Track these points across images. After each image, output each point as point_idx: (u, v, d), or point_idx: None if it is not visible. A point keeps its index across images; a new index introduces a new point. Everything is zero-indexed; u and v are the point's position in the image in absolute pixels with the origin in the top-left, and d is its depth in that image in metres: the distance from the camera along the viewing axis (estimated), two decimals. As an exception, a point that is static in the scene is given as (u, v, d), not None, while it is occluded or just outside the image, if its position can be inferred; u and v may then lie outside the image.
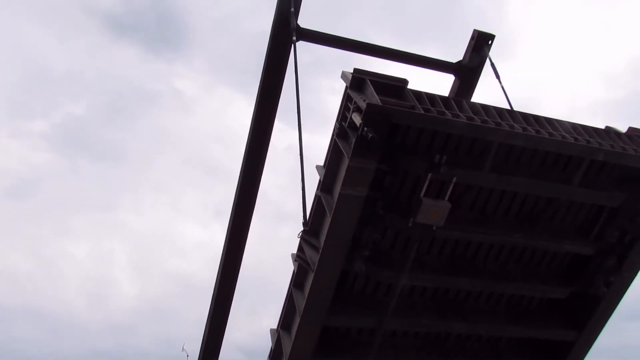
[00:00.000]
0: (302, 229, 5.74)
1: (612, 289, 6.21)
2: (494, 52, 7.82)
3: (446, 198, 5.20)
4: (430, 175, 5.06)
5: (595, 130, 5.69)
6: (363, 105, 4.67)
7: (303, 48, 7.41)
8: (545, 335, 6.66)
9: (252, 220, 10.33)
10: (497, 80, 7.58)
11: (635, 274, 6.24)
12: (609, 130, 5.77)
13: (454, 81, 8.18)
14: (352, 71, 5.14)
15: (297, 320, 5.86)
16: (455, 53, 8.17)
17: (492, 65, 7.72)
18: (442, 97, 5.25)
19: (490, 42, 7.83)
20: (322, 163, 5.72)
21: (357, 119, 4.74)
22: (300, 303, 5.81)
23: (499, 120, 5.16)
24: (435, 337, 6.62)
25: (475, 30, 7.80)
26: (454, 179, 5.14)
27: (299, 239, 5.86)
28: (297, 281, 6.05)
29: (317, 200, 5.60)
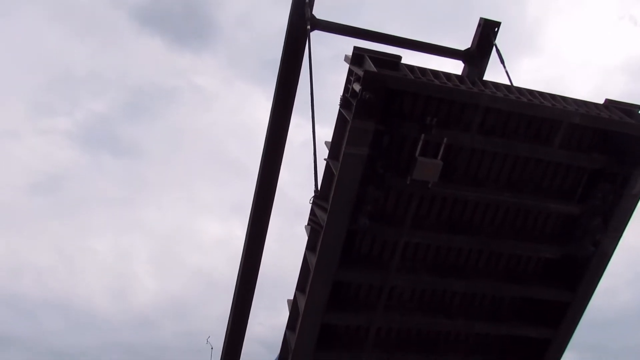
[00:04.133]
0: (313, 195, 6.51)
1: (600, 248, 6.73)
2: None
3: (439, 158, 5.88)
4: (423, 136, 5.76)
5: (575, 100, 6.36)
6: (361, 73, 5.45)
7: (323, 44, 8.12)
8: (542, 295, 7.17)
9: (271, 215, 11.06)
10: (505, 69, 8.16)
11: (621, 234, 6.76)
12: (587, 101, 6.44)
13: (463, 68, 8.82)
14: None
15: (310, 278, 6.52)
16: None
17: (497, 51, 8.34)
18: (432, 70, 6.00)
19: (496, 29, 8.39)
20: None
21: (357, 87, 5.52)
22: (312, 261, 6.48)
23: (483, 88, 5.89)
24: (439, 299, 7.18)
25: (481, 18, 8.37)
26: (445, 140, 5.83)
27: (310, 204, 6.60)
28: (309, 244, 6.73)
29: (326, 166, 6.33)
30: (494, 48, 8.42)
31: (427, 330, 7.39)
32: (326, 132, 6.64)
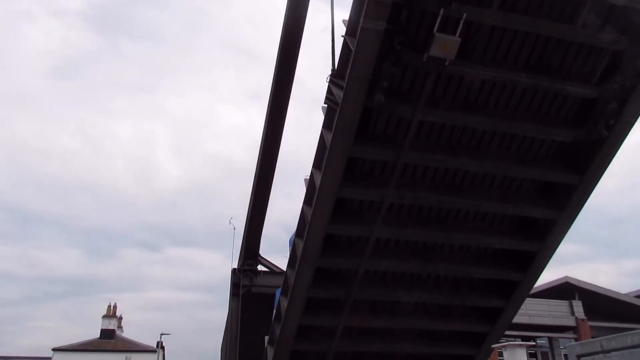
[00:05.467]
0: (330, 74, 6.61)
1: (613, 133, 6.80)
2: None
3: (457, 34, 5.85)
4: (442, 11, 5.69)
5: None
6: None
7: None
8: (551, 177, 7.39)
9: (289, 102, 11.23)
10: None
11: (635, 120, 6.80)
12: None
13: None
14: None
15: (326, 154, 6.79)
16: None
17: None
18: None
19: None
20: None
21: None
22: (328, 138, 6.71)
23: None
24: (450, 178, 7.47)
25: None
26: (464, 16, 5.76)
27: (327, 82, 6.72)
28: (326, 123, 6.93)
29: (343, 43, 6.35)
30: None
31: (437, 208, 7.76)
32: (345, 15, 6.60)
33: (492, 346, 10.26)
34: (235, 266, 14.86)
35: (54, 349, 26.87)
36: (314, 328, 9.23)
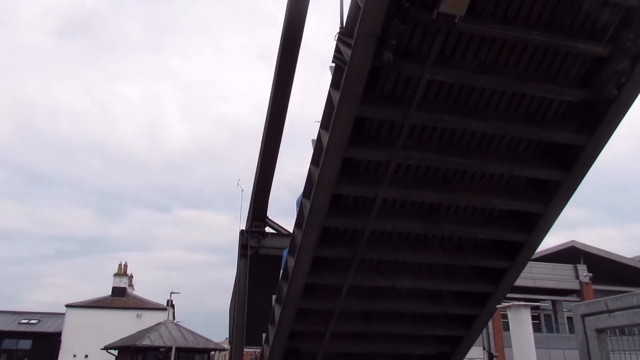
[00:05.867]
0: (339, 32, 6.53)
1: (623, 92, 6.72)
2: None
3: (468, -10, 5.73)
4: (453, -34, 5.57)
5: None
6: None
7: None
8: (560, 138, 7.35)
9: (297, 63, 11.11)
10: None
11: (648, 79, 6.70)
12: None
13: None
14: None
15: (334, 113, 6.78)
16: None
17: None
18: None
19: None
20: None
21: None
22: (336, 97, 6.69)
23: None
24: (458, 139, 7.45)
25: None
26: (475, -29, 5.65)
27: (335, 40, 6.65)
28: (334, 82, 6.89)
29: (352, 1, 6.26)
30: None
31: (444, 169, 7.77)
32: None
33: (497, 306, 10.43)
34: (244, 228, 15.07)
35: (67, 305, 27.58)
36: (320, 287, 9.41)
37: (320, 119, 7.46)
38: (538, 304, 24.85)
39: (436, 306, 9.93)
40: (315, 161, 7.77)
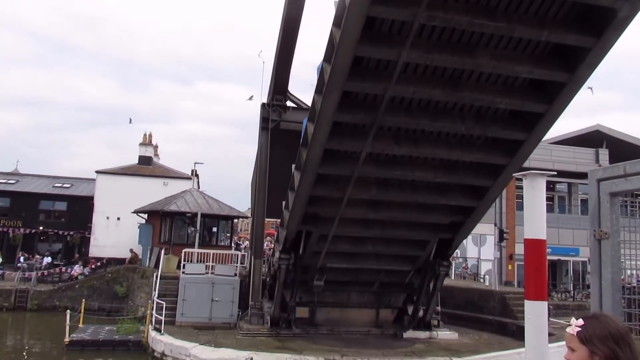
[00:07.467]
0: None
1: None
2: None
3: None
4: None
5: None
6: None
7: None
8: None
9: None
10: None
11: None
12: None
13: None
14: None
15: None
16: None
17: None
18: None
19: None
20: None
21: None
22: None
23: None
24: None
25: None
26: None
27: None
28: None
29: None
30: None
31: (469, 32, 7.55)
32: None
33: (513, 175, 10.69)
34: (265, 101, 15.10)
35: (97, 172, 28.73)
36: (339, 153, 9.66)
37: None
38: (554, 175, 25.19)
39: (451, 176, 10.18)
40: (337, 22, 7.58)
